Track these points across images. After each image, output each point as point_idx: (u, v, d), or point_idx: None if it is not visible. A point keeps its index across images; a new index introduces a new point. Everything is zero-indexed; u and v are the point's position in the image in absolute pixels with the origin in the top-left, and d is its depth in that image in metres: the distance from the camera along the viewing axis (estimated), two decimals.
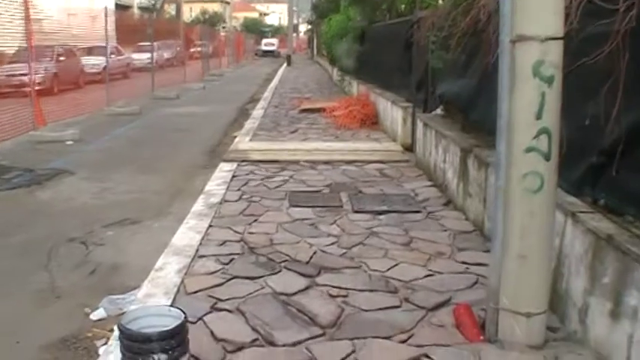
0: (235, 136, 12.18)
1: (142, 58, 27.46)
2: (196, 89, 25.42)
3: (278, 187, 7.70)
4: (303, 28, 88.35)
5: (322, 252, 5.37)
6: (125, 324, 3.01)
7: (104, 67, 20.05)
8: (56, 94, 19.13)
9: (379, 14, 15.43)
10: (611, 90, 3.72)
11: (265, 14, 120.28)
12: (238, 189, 7.58)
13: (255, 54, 69.34)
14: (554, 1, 3.43)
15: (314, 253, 5.34)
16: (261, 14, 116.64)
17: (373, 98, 13.60)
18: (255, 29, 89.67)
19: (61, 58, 21.67)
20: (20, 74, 15.95)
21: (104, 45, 19.95)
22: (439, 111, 8.65)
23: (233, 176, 8.26)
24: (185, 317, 3.10)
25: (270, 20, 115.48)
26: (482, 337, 3.82)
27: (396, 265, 5.08)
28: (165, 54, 32.38)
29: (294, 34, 67.04)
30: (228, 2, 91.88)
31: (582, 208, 3.95)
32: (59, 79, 20.90)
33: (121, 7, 44.15)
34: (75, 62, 23.52)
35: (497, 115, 3.66)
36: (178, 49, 34.37)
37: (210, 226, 6.09)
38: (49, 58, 19.90)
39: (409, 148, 9.85)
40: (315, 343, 3.80)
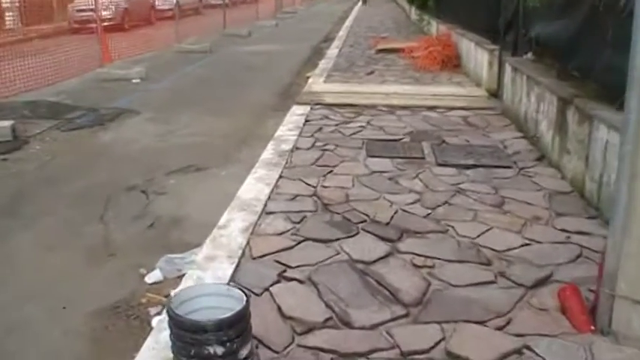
0: (309, 77, 11.61)
1: None
2: (268, 27, 24.82)
3: (354, 134, 7.10)
4: None
5: (404, 212, 4.79)
6: (175, 308, 2.49)
7: (176, 3, 19.59)
8: (127, 31, 18.83)
9: None
10: None
11: None
12: (311, 135, 7.03)
13: None
14: None
15: (395, 212, 4.76)
16: None
17: (455, 39, 12.74)
18: None
19: None
20: (90, 9, 15.63)
21: None
22: (529, 55, 7.85)
23: (306, 121, 7.69)
24: (247, 300, 2.56)
25: None
26: (592, 327, 3.20)
27: (487, 230, 4.46)
28: None
29: None
30: None
31: None
32: (130, 15, 20.58)
33: None
34: None
35: (629, 65, 2.95)
36: None
37: (280, 177, 5.56)
38: None
39: (494, 93, 9.13)
40: (397, 325, 3.25)
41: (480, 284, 3.69)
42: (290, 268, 3.84)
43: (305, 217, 4.64)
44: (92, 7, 14.87)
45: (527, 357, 2.98)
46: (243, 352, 2.50)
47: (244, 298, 2.56)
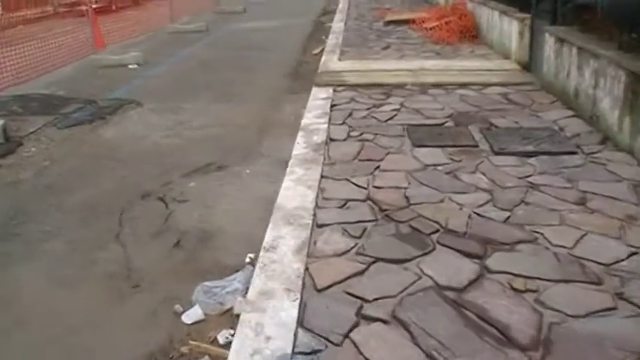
0: (316, 54, 10.80)
1: None
2: (263, 2, 23.78)
3: (390, 119, 6.35)
4: None
5: (478, 216, 4.08)
6: None
7: None
8: (115, 12, 17.90)
9: None
10: None
11: None
12: (343, 122, 6.27)
13: None
14: None
15: (468, 217, 4.05)
16: None
17: (471, 8, 11.92)
18: None
19: None
20: None
21: None
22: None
23: (332, 105, 6.91)
24: None
25: None
26: None
27: (582, 236, 3.77)
28: None
29: None
30: None
31: None
32: None
33: None
34: None
35: None
36: None
37: (322, 176, 4.81)
38: None
39: (526, 66, 8.36)
40: None
41: (599, 312, 3.01)
42: (367, 302, 3.11)
43: (366, 230, 3.90)
44: None
45: None
46: None
47: None
